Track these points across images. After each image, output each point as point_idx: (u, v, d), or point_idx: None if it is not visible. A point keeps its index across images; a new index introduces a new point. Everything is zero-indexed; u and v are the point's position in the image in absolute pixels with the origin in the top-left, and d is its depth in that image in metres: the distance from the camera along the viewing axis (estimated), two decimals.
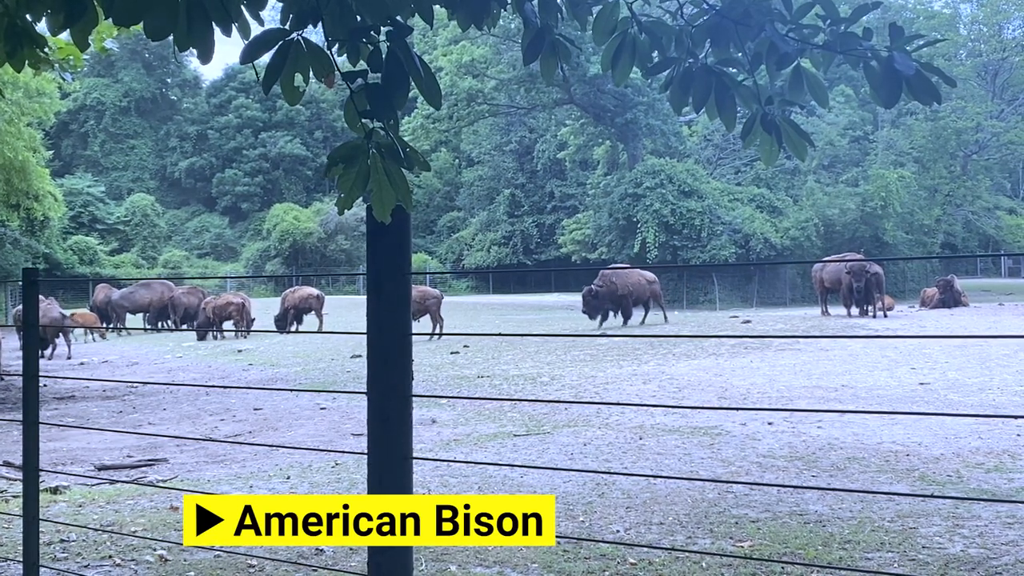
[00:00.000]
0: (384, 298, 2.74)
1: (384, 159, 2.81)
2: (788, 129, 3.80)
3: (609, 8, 3.62)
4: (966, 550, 6.52)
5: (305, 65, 2.91)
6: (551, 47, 3.58)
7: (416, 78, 2.97)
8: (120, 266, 70.92)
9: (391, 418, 2.70)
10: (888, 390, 14.07)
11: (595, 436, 11.07)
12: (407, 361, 2.75)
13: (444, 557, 6.45)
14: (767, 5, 3.60)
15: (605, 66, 3.77)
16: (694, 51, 3.69)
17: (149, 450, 11.51)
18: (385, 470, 2.71)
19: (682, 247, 49.63)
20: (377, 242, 2.76)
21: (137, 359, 24.73)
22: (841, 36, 3.61)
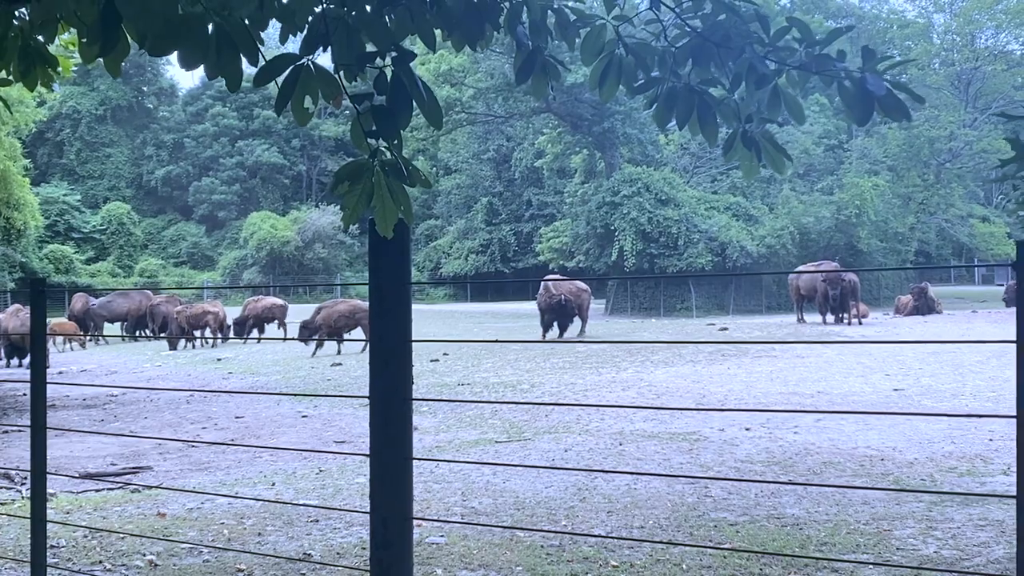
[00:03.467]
0: (386, 307, 2.88)
1: (388, 177, 2.95)
2: (767, 145, 3.97)
3: (596, 31, 3.77)
4: (939, 551, 6.69)
5: (315, 88, 3.05)
6: (542, 68, 3.74)
7: (419, 101, 3.12)
8: (96, 275, 70.73)
9: (393, 420, 2.83)
10: (863, 396, 14.28)
11: (576, 442, 11.22)
12: (407, 366, 2.89)
13: (430, 560, 6.57)
14: (746, 28, 3.76)
15: (593, 85, 3.93)
16: (677, 71, 3.86)
17: (133, 458, 11.58)
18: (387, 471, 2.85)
19: (659, 255, 49.86)
20: (380, 254, 2.90)
21: (116, 368, 24.72)
22: (816, 58, 3.78)
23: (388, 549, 2.89)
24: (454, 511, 8.05)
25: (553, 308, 26.83)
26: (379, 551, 2.90)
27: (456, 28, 3.49)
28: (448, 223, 77.93)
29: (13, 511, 8.27)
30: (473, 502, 8.33)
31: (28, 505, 8.50)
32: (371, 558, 2.90)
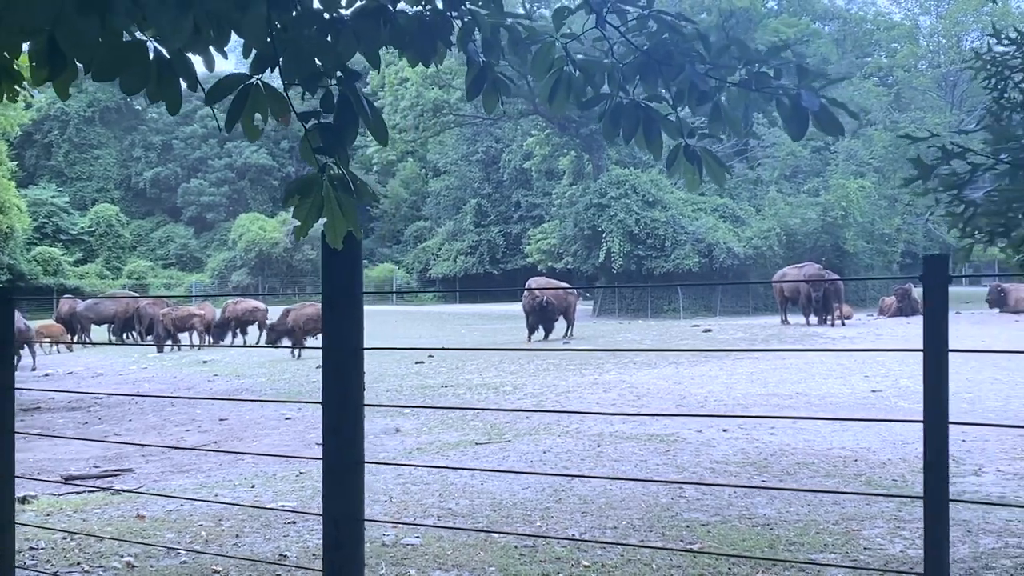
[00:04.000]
0: (337, 315, 2.98)
1: (337, 191, 3.06)
2: (708, 159, 4.10)
3: (546, 48, 3.89)
4: (905, 551, 6.81)
5: (264, 106, 3.16)
6: (492, 83, 3.87)
7: (365, 119, 3.23)
8: (85, 277, 70.61)
9: (344, 426, 2.94)
10: (841, 397, 14.43)
11: (555, 444, 11.32)
12: (359, 373, 2.99)
13: (404, 561, 6.65)
14: (689, 47, 3.88)
15: (543, 99, 4.05)
16: (625, 87, 3.98)
17: (115, 460, 11.66)
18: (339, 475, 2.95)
19: (646, 256, 49.99)
20: (331, 265, 3.01)
21: (102, 370, 24.74)
22: (755, 75, 3.90)
23: (340, 550, 2.99)
24: (431, 512, 8.15)
25: (535, 310, 26.97)
26: (331, 552, 3.01)
27: (409, 46, 3.61)
28: (437, 224, 78.03)
29: None
30: (450, 503, 8.43)
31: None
32: (323, 559, 3.00)
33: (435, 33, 3.57)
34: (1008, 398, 14.11)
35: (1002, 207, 4.68)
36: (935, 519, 2.95)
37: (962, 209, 5.00)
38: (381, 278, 75.09)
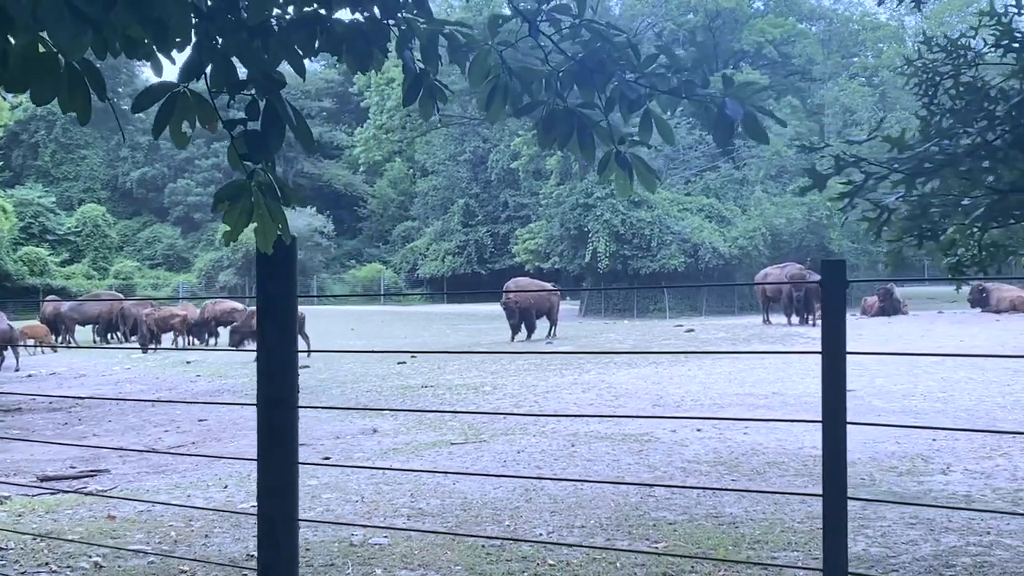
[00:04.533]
0: (272, 319, 3.04)
1: (265, 197, 3.12)
2: (639, 165, 4.17)
3: (483, 55, 3.96)
4: (868, 549, 6.89)
5: (192, 113, 3.22)
6: (428, 90, 3.94)
7: (290, 125, 3.30)
8: (71, 277, 70.39)
9: (278, 427, 3.00)
10: (816, 397, 14.45)
11: (529, 444, 11.39)
12: (293, 376, 3.05)
13: (371, 561, 6.70)
14: (620, 55, 3.94)
15: (481, 106, 4.12)
16: (562, 94, 4.05)
17: (92, 461, 11.69)
18: (273, 475, 3.01)
19: (632, 256, 50.13)
20: (266, 270, 3.07)
21: (85, 371, 24.72)
22: (683, 83, 3.97)
23: (274, 550, 3.05)
24: (401, 512, 8.21)
25: (512, 311, 27.14)
26: (265, 552, 3.06)
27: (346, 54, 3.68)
28: (425, 224, 77.94)
29: None
30: (421, 503, 8.49)
31: None
32: (258, 559, 3.06)
33: (371, 40, 3.63)
34: (980, 398, 14.23)
35: (916, 211, 4.76)
36: (833, 517, 3.02)
37: (877, 214, 5.08)
38: (369, 278, 75.03)
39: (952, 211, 4.75)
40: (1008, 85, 4.89)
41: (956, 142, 4.83)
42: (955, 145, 4.79)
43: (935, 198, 4.74)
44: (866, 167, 4.92)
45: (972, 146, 4.69)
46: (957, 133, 4.87)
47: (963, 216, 4.75)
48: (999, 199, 4.63)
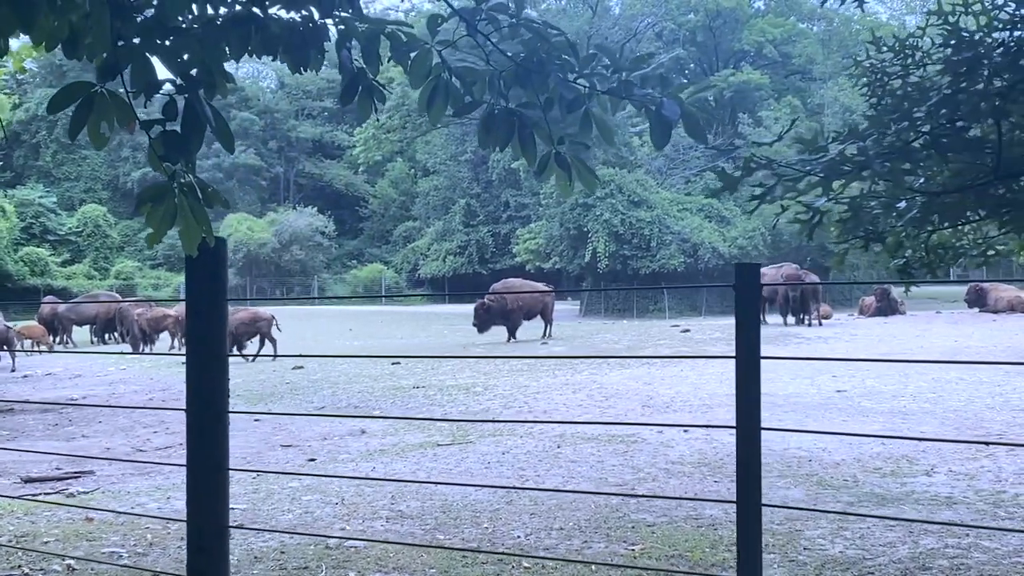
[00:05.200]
0: (200, 322, 3.02)
1: (188, 198, 3.10)
2: (579, 166, 4.14)
3: (423, 54, 3.93)
4: (845, 551, 6.85)
5: (110, 114, 3.19)
6: (367, 90, 3.91)
7: (210, 126, 3.28)
8: (72, 277, 70.43)
9: (206, 432, 2.97)
10: (806, 397, 14.51)
11: (515, 445, 11.35)
12: (223, 380, 3.02)
13: (345, 564, 6.68)
14: (559, 55, 3.92)
15: (422, 107, 4.10)
16: (505, 94, 4.02)
17: (79, 462, 11.66)
18: (201, 479, 2.98)
19: (632, 256, 50.15)
20: (194, 271, 3.05)
21: (80, 371, 24.70)
22: (622, 83, 3.95)
23: (203, 554, 3.03)
24: (380, 514, 8.18)
25: (478, 314, 27.34)
26: (194, 556, 3.04)
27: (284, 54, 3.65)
28: (426, 225, 77.94)
29: None
30: (401, 505, 8.46)
31: None
32: (187, 564, 3.04)
33: (307, 40, 3.61)
34: (970, 398, 14.19)
35: (848, 213, 4.73)
36: (747, 522, 2.98)
37: (809, 216, 5.05)
38: (370, 278, 75.08)
39: (885, 214, 4.72)
40: (942, 83, 4.88)
41: (876, 143, 4.81)
42: (875, 146, 4.77)
43: (871, 199, 4.71)
44: (779, 169, 4.90)
45: (891, 147, 4.67)
46: (873, 134, 4.85)
47: (897, 218, 4.72)
48: (928, 201, 4.60)
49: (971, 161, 4.67)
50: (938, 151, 4.49)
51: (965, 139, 4.62)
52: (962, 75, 4.50)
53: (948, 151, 4.52)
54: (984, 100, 4.29)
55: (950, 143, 4.52)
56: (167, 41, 3.20)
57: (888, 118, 4.83)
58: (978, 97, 4.32)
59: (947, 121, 4.57)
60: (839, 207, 4.99)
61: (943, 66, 4.74)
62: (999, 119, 4.46)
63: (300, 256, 75.71)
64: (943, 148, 4.49)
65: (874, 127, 4.93)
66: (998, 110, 4.38)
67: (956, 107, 4.46)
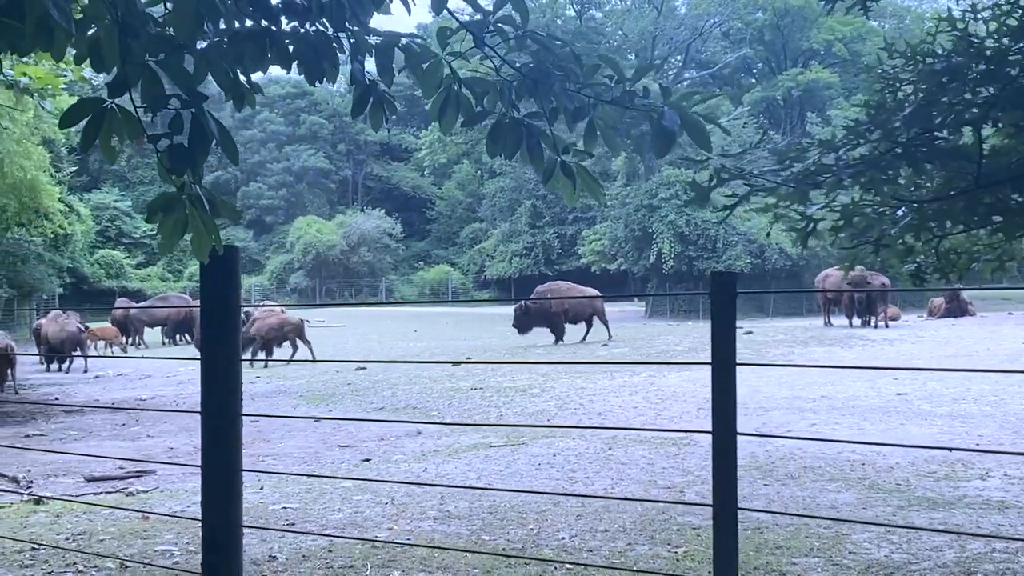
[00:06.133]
0: (215, 327, 3.12)
1: (196, 208, 3.21)
2: (584, 175, 4.19)
3: (434, 66, 4.01)
4: (890, 555, 6.81)
5: (120, 128, 3.31)
6: (378, 101, 4.00)
7: (214, 138, 3.39)
8: (146, 279, 71.70)
9: (221, 435, 3.07)
10: (865, 400, 14.36)
11: (567, 446, 11.40)
12: (236, 384, 3.12)
13: (390, 563, 6.78)
14: (564, 66, 3.97)
15: (433, 116, 4.18)
16: (516, 104, 4.08)
17: (144, 462, 11.92)
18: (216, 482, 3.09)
19: (697, 257, 49.89)
20: (207, 278, 3.15)
21: (151, 372, 25.22)
22: (624, 93, 3.99)
23: (216, 554, 3.13)
24: (428, 514, 8.28)
25: (539, 316, 27.45)
26: (208, 555, 3.14)
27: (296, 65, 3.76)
28: (492, 226, 78.09)
29: (6, 514, 8.65)
30: (449, 505, 8.55)
31: (24, 508, 8.89)
32: (202, 562, 3.14)
33: (321, 53, 3.71)
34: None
35: (839, 221, 4.71)
36: (723, 528, 3.01)
37: (804, 224, 5.03)
38: (436, 280, 75.48)
39: (879, 221, 4.70)
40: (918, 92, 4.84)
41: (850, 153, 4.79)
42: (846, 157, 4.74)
43: (864, 208, 4.69)
44: (752, 180, 4.90)
45: (863, 158, 4.65)
46: (846, 145, 4.83)
47: (892, 225, 4.69)
48: (918, 209, 4.56)
49: (955, 171, 4.63)
50: (911, 162, 4.46)
51: (941, 149, 4.59)
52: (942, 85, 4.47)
53: (925, 161, 4.50)
54: (969, 109, 4.25)
55: (927, 153, 4.49)
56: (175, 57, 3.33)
57: (863, 128, 4.81)
58: (962, 106, 4.28)
59: (923, 131, 4.54)
60: (832, 215, 4.99)
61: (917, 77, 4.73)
62: (979, 128, 4.42)
63: (368, 258, 76.34)
64: (919, 158, 4.46)
65: (850, 138, 4.91)
66: (979, 119, 4.34)
67: (930, 118, 4.44)
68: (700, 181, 5.47)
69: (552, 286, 30.31)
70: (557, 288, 29.32)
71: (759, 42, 74.71)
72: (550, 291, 28.28)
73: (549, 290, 28.51)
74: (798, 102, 66.10)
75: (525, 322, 27.65)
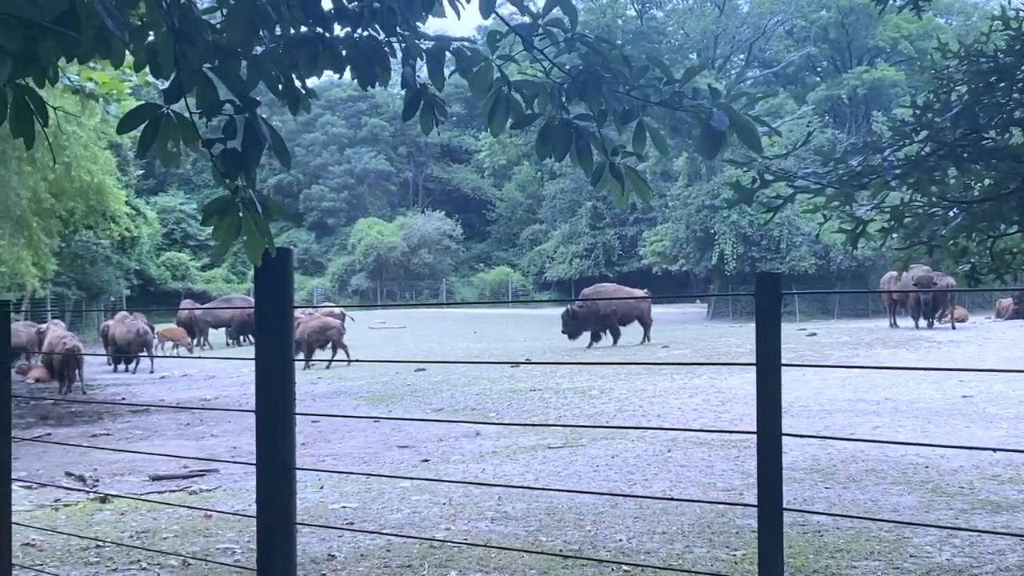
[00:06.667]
0: (268, 328, 3.17)
1: (249, 211, 3.26)
2: (632, 176, 4.19)
3: (484, 69, 4.03)
4: (952, 559, 6.72)
5: (176, 134, 3.38)
6: (428, 105, 4.03)
7: (266, 143, 3.44)
8: (211, 281, 72.62)
9: (273, 432, 3.12)
10: (929, 403, 14.15)
11: (625, 448, 11.38)
12: (289, 383, 3.16)
13: (448, 563, 6.81)
14: (613, 68, 3.96)
15: (485, 119, 4.20)
16: (566, 107, 4.09)
17: (206, 461, 12.08)
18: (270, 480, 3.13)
19: (760, 258, 49.39)
20: (261, 280, 3.20)
21: (215, 373, 25.55)
22: (673, 95, 3.97)
23: (271, 551, 3.17)
24: (486, 515, 8.30)
25: (587, 319, 27.42)
26: (263, 552, 3.19)
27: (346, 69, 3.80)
28: (552, 227, 77.96)
29: (73, 512, 8.83)
30: (507, 506, 8.57)
31: (91, 506, 9.06)
32: (257, 560, 3.18)
33: (372, 58, 3.75)
34: None
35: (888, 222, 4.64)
36: (768, 530, 2.98)
37: (853, 226, 4.96)
38: (497, 281, 75.63)
39: (929, 222, 4.63)
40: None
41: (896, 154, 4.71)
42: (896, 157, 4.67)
43: (915, 208, 4.62)
44: (795, 181, 4.85)
45: (908, 158, 4.57)
46: (892, 145, 4.75)
47: (943, 226, 4.62)
48: (968, 209, 4.48)
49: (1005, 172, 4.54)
50: (956, 163, 4.39)
51: (987, 149, 4.51)
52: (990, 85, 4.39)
53: (972, 161, 4.42)
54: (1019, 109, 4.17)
55: (974, 153, 4.41)
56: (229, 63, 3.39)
57: (909, 128, 4.74)
58: (1012, 106, 4.21)
59: (970, 131, 4.46)
60: (882, 216, 4.93)
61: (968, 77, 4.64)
62: None
63: (428, 259, 76.70)
64: (965, 159, 4.39)
65: (896, 138, 4.84)
66: None
67: (977, 118, 4.35)
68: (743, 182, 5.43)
69: (598, 288, 30.27)
70: (603, 290, 29.28)
71: (823, 40, 73.82)
72: (596, 293, 28.24)
73: (595, 292, 28.47)
74: (863, 101, 65.22)
75: (574, 326, 27.68)
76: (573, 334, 27.74)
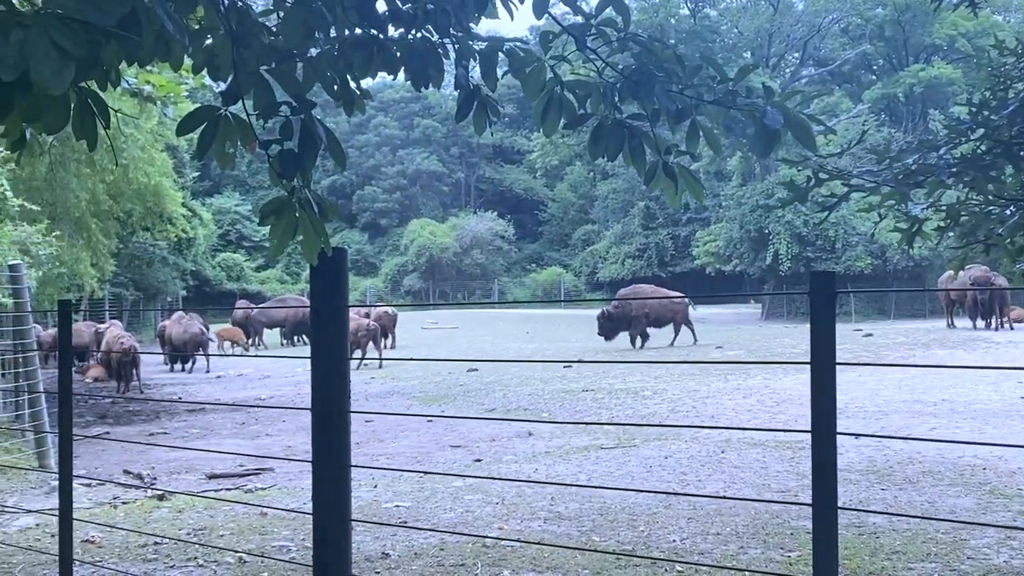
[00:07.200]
0: (323, 328, 3.21)
1: (305, 211, 3.30)
2: (686, 175, 4.18)
3: (536, 70, 4.05)
4: (1009, 561, 6.63)
5: (233, 135, 3.43)
6: (481, 105, 4.06)
7: (322, 144, 3.49)
8: (266, 282, 73.35)
9: (329, 431, 3.15)
10: (987, 404, 13.95)
11: (678, 449, 11.33)
12: (344, 382, 3.20)
13: (501, 562, 6.83)
14: (668, 67, 3.95)
15: (537, 119, 4.21)
16: (619, 106, 4.09)
17: (262, 459, 12.22)
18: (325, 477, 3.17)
19: (816, 258, 48.90)
20: (316, 279, 3.24)
21: (270, 372, 25.79)
22: (728, 93, 3.95)
23: (327, 549, 3.20)
24: (539, 514, 8.31)
25: (622, 320, 27.34)
26: (319, 550, 3.22)
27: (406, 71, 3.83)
28: (605, 228, 77.81)
29: (131, 509, 8.96)
30: (560, 506, 8.57)
31: (148, 504, 9.19)
32: (313, 557, 3.22)
33: (426, 60, 3.78)
34: None
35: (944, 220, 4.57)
36: (823, 529, 2.96)
37: (909, 224, 4.90)
38: (549, 282, 75.60)
39: (985, 220, 4.56)
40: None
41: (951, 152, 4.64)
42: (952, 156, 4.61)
43: (972, 207, 4.55)
44: (850, 180, 4.79)
45: (964, 157, 4.50)
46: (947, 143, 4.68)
47: (999, 225, 4.55)
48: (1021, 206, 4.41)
49: None
50: (1012, 161, 4.32)
51: None
52: None
53: None
54: None
55: None
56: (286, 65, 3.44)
57: (965, 127, 4.68)
58: None
59: None
60: (938, 215, 4.87)
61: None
62: None
63: (481, 260, 76.90)
64: (1021, 157, 4.32)
65: (951, 136, 4.78)
66: None
67: None
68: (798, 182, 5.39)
69: (636, 288, 30.20)
70: (641, 291, 29.19)
71: (879, 38, 73.02)
72: (633, 293, 28.17)
73: (633, 292, 28.41)
74: (920, 99, 64.42)
75: (609, 328, 27.61)
76: (609, 335, 27.66)
